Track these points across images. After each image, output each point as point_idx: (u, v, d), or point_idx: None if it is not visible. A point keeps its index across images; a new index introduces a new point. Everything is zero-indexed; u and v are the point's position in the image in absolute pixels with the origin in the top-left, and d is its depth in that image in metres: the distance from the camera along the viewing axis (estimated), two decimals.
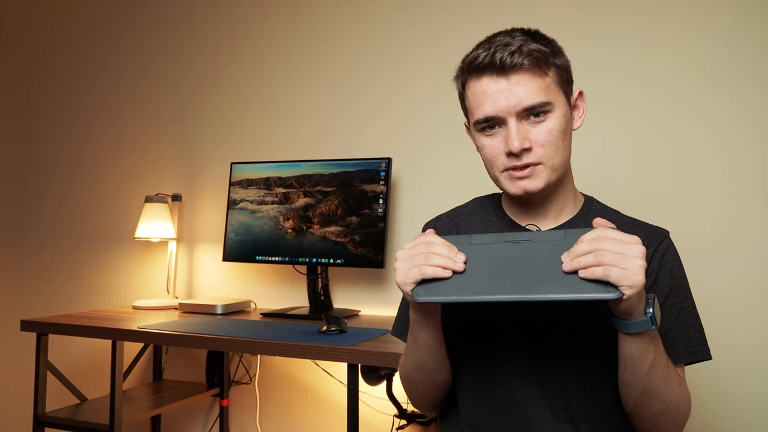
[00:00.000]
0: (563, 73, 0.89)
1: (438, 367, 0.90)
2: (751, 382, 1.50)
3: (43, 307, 2.45)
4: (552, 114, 0.86)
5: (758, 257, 1.52)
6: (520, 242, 0.74)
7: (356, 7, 2.02)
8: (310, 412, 1.97)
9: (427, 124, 1.89)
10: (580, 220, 0.94)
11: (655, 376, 0.78)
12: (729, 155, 1.56)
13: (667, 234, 0.93)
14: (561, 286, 0.68)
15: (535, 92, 0.84)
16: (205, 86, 2.24)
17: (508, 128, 0.85)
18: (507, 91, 0.84)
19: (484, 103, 0.86)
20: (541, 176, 0.86)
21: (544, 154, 0.86)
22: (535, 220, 0.95)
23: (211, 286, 2.18)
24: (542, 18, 1.75)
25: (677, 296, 0.89)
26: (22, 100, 2.60)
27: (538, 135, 0.85)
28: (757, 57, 1.54)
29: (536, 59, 0.84)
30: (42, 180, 2.53)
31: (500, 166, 0.88)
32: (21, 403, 2.45)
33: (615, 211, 0.97)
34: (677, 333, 0.88)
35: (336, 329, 1.48)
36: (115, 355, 1.61)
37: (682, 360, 0.87)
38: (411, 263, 0.76)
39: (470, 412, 0.91)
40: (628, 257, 0.67)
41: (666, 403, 0.81)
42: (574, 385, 0.86)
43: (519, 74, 0.84)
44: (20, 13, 2.63)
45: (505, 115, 0.85)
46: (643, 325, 0.73)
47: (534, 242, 0.74)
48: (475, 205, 1.04)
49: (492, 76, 0.85)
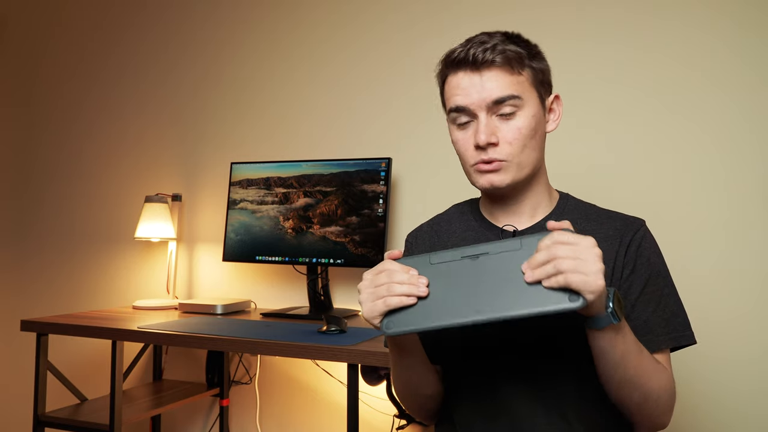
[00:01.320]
0: (539, 74, 0.91)
1: (425, 382, 0.92)
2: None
3: (43, 307, 2.46)
4: (522, 111, 0.88)
5: (758, 257, 1.52)
6: (479, 257, 0.74)
7: (357, 7, 2.02)
8: (310, 412, 1.97)
9: (428, 125, 1.89)
10: (556, 216, 0.95)
11: (627, 366, 0.79)
12: (729, 155, 1.56)
13: (643, 223, 0.94)
14: (524, 301, 0.69)
15: (505, 86, 0.87)
16: (205, 86, 2.24)
17: (477, 122, 0.88)
18: (479, 86, 0.87)
19: (457, 95, 0.89)
20: (508, 172, 0.89)
21: (511, 151, 0.88)
22: (511, 219, 0.96)
23: (211, 286, 2.18)
24: (542, 18, 1.75)
25: (656, 284, 0.90)
26: (23, 101, 2.60)
27: (507, 132, 0.88)
28: (757, 57, 1.54)
29: (509, 58, 0.87)
30: (43, 180, 2.53)
31: (470, 159, 0.91)
32: (21, 403, 2.45)
33: (591, 205, 0.99)
34: (659, 320, 0.88)
35: (336, 329, 1.48)
36: (115, 355, 1.61)
37: (664, 345, 0.88)
38: (375, 296, 0.76)
39: (464, 417, 0.91)
40: (586, 262, 0.67)
41: (645, 391, 0.82)
42: (567, 386, 0.86)
43: (491, 71, 0.87)
44: (21, 15, 2.64)
45: (476, 108, 0.88)
46: (605, 320, 0.74)
47: (492, 255, 0.74)
48: (455, 211, 1.06)
49: (466, 71, 0.88)
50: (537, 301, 0.69)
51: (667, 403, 0.85)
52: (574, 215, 0.95)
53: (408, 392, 0.94)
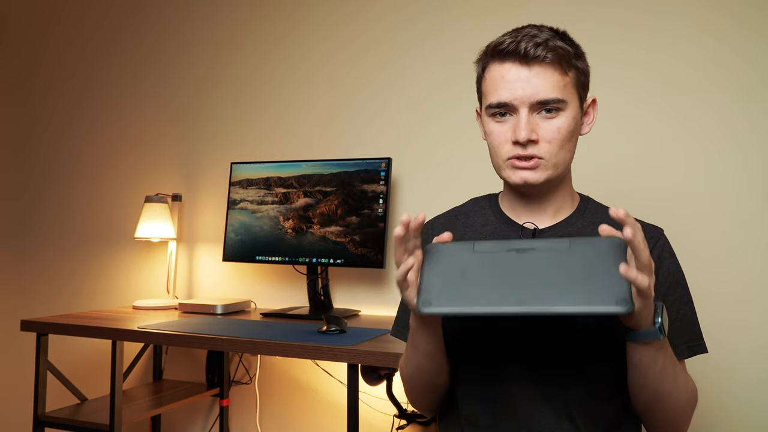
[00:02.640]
0: (581, 76, 0.90)
1: (438, 371, 0.91)
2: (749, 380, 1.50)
3: (43, 307, 2.46)
4: (564, 113, 0.86)
5: (758, 257, 1.52)
6: (525, 251, 0.73)
7: (357, 7, 2.02)
8: (310, 412, 1.98)
9: (428, 125, 1.89)
10: (576, 218, 0.94)
11: (665, 379, 0.79)
12: (729, 155, 1.56)
13: (662, 232, 0.94)
14: (569, 298, 0.67)
15: (552, 87, 0.85)
16: (205, 86, 2.24)
17: (518, 117, 0.86)
18: (525, 81, 0.85)
19: (501, 89, 0.87)
20: (543, 171, 0.87)
21: (549, 150, 0.86)
22: (533, 217, 0.95)
23: (211, 286, 2.18)
24: (543, 18, 1.74)
25: (676, 292, 0.90)
26: (22, 101, 2.60)
27: (546, 130, 0.86)
28: (756, 57, 1.54)
29: (560, 56, 0.85)
30: (43, 180, 2.53)
31: (504, 154, 0.89)
32: (21, 403, 2.45)
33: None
34: (677, 329, 0.88)
35: (336, 329, 1.48)
36: (115, 355, 1.61)
37: (683, 356, 0.88)
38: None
39: (470, 411, 0.91)
40: (650, 269, 0.67)
41: (676, 400, 0.82)
42: (573, 383, 0.86)
43: (541, 66, 0.85)
44: (21, 15, 2.64)
45: (519, 104, 0.86)
46: (651, 334, 0.73)
47: (539, 251, 0.72)
48: (473, 204, 1.05)
49: (514, 63, 0.86)
50: (583, 300, 0.67)
51: (690, 413, 0.86)
52: (595, 218, 0.95)
53: (419, 378, 0.92)
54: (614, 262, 0.68)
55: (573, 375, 0.86)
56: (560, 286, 0.69)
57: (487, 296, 0.71)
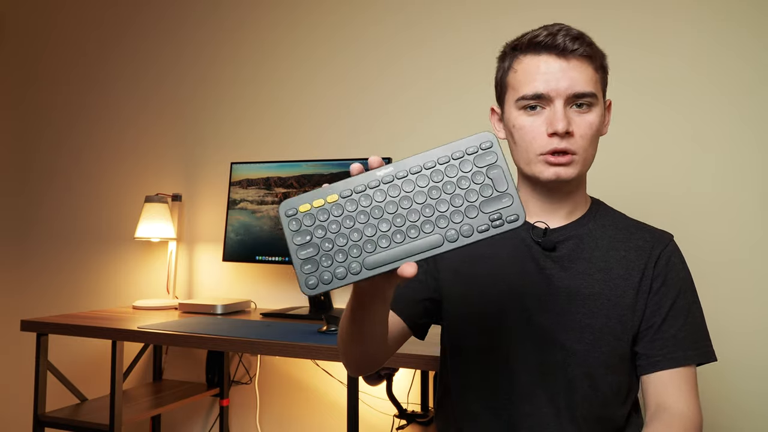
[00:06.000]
0: (605, 77, 0.91)
1: (381, 339, 0.83)
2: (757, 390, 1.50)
3: (43, 307, 2.45)
4: (594, 109, 0.87)
5: (758, 257, 1.52)
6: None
7: (357, 8, 2.02)
8: (310, 412, 1.98)
9: (428, 125, 1.89)
10: (588, 219, 0.94)
11: None
12: (729, 155, 1.56)
13: (671, 237, 0.93)
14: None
15: (587, 81, 0.85)
16: (205, 86, 2.24)
17: (554, 109, 0.85)
18: (562, 73, 0.84)
19: (537, 80, 0.85)
20: (576, 167, 0.86)
21: (582, 145, 0.86)
22: (546, 215, 0.93)
23: (211, 286, 2.18)
24: (543, 19, 1.74)
25: (686, 297, 0.89)
26: (22, 100, 2.60)
27: (580, 125, 0.85)
28: (756, 57, 1.54)
29: (594, 52, 0.87)
30: (42, 180, 2.53)
31: (538, 148, 0.86)
32: (21, 403, 2.45)
33: (621, 214, 0.97)
34: (687, 334, 0.87)
35: (336, 329, 1.48)
36: (115, 355, 1.61)
37: (692, 361, 0.86)
38: None
39: (471, 407, 0.91)
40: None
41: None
42: (577, 383, 0.86)
43: (577, 60, 0.85)
44: (20, 14, 2.63)
45: (555, 96, 0.84)
46: None
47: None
48: None
49: (551, 55, 0.85)
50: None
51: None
52: (606, 221, 0.94)
53: (361, 337, 0.81)
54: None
55: (577, 374, 0.86)
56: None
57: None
